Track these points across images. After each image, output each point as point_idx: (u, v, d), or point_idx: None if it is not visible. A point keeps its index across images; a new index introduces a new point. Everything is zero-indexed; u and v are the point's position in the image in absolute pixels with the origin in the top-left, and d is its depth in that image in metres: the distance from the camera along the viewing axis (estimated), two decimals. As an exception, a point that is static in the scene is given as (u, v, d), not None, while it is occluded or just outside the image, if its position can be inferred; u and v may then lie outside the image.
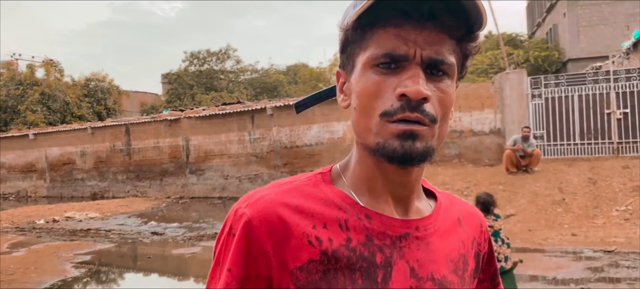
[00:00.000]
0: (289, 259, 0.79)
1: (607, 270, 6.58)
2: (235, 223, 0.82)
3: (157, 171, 19.38)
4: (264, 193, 0.83)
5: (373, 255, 0.82)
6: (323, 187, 0.86)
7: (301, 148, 16.52)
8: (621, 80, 12.47)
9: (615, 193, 10.42)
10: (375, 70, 0.81)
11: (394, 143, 0.79)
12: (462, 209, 0.97)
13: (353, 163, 0.88)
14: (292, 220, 0.81)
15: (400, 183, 0.86)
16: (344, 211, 0.83)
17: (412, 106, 0.78)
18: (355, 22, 0.81)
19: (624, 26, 25.29)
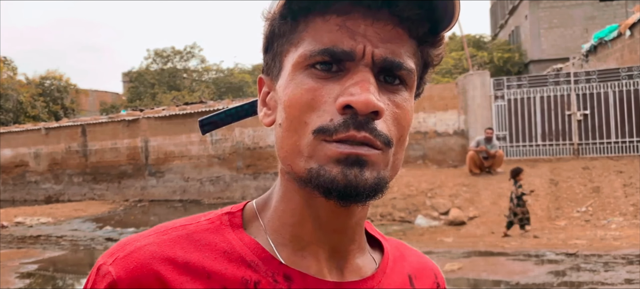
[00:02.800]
0: None
1: (570, 274, 6.52)
2: (96, 285, 0.59)
3: (115, 174, 18.73)
4: (141, 243, 0.60)
5: None
6: (228, 234, 0.62)
7: (265, 150, 16.21)
8: (581, 82, 12.60)
9: (575, 194, 10.48)
10: (310, 72, 0.58)
11: (333, 171, 0.56)
12: (414, 263, 0.74)
13: (275, 201, 0.64)
14: (177, 283, 0.57)
15: (337, 229, 0.62)
16: (255, 270, 0.60)
17: (360, 122, 0.56)
18: (285, 8, 0.58)
19: (583, 29, 25.86)
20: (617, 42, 15.70)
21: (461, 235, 9.18)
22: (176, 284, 0.57)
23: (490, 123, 12.88)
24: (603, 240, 8.13)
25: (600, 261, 7.00)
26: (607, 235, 8.41)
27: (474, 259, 7.39)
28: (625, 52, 15.16)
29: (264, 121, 0.66)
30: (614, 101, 12.29)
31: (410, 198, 10.97)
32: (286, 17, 0.59)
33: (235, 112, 0.79)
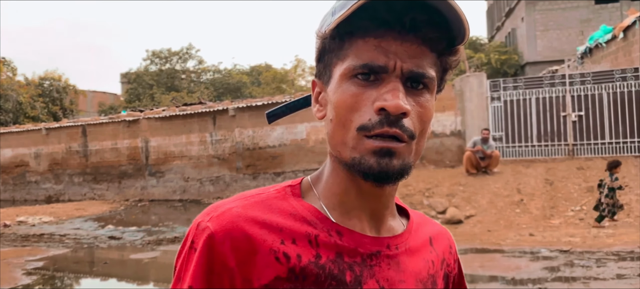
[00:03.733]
0: (254, 277, 0.74)
1: (563, 270, 6.73)
2: (197, 238, 0.76)
3: (115, 174, 18.88)
4: (229, 206, 0.78)
5: (343, 273, 0.77)
6: (292, 201, 0.81)
7: (264, 150, 16.39)
8: (576, 84, 12.82)
9: (570, 193, 10.70)
10: (354, 81, 0.76)
11: (371, 160, 0.75)
12: (433, 229, 0.93)
13: (325, 176, 0.83)
14: (258, 235, 0.75)
15: (374, 198, 0.82)
16: (314, 227, 0.79)
17: (391, 121, 0.74)
18: (334, 31, 0.76)
19: (579, 31, 26.12)
20: (612, 45, 15.94)
21: (458, 233, 9.38)
22: (257, 236, 0.75)
23: (486, 124, 13.10)
24: (596, 237, 8.35)
25: (593, 257, 7.21)
26: (600, 233, 8.62)
27: (470, 256, 7.59)
28: (619, 54, 15.41)
29: (317, 115, 0.84)
30: (608, 102, 12.52)
31: (408, 197, 11.17)
32: (335, 38, 0.77)
33: (293, 105, 0.98)
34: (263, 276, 0.74)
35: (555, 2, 27.04)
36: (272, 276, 0.74)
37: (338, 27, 0.75)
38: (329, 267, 0.76)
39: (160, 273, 8.52)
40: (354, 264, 0.78)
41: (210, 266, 0.74)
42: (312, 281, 0.75)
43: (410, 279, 0.83)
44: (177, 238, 10.59)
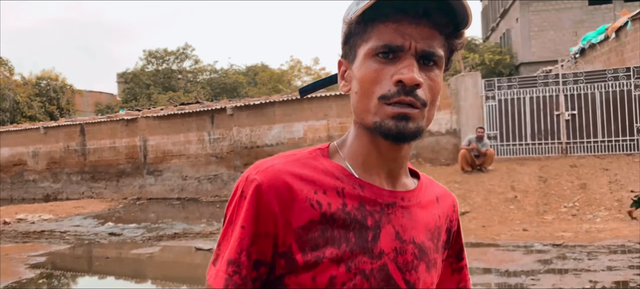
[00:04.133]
0: (293, 220, 0.90)
1: (556, 262, 6.92)
2: (246, 188, 0.91)
3: (114, 172, 19.00)
4: (272, 163, 0.94)
5: (365, 218, 0.93)
6: (322, 160, 0.97)
7: (262, 149, 16.53)
8: (569, 83, 13.05)
9: (563, 190, 10.91)
10: (375, 59, 0.91)
11: (390, 123, 0.90)
12: (439, 190, 1.09)
13: (350, 141, 0.99)
14: (296, 186, 0.91)
15: (392, 158, 0.97)
16: (341, 181, 0.94)
17: (407, 91, 0.89)
18: (359, 17, 0.92)
19: (573, 32, 26.39)
20: (604, 45, 16.20)
21: (454, 228, 9.57)
22: (296, 187, 0.91)
23: (481, 123, 13.30)
24: (588, 232, 8.55)
25: (584, 250, 7.41)
26: (592, 227, 8.83)
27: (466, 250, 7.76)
28: (611, 54, 15.66)
29: (343, 89, 1.00)
30: (600, 101, 12.75)
31: (404, 195, 11.34)
32: (360, 23, 0.93)
33: (323, 81, 1.15)
34: (300, 219, 0.90)
35: (549, 3, 27.31)
36: (307, 219, 0.90)
37: (363, 14, 0.91)
38: (354, 213, 0.93)
39: (161, 269, 8.68)
40: (374, 212, 0.94)
41: (258, 210, 0.90)
42: (340, 225, 0.92)
43: (420, 227, 0.99)
44: (176, 234, 10.74)
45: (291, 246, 0.90)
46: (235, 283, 0.90)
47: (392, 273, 0.93)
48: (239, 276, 0.90)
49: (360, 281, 0.90)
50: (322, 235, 0.90)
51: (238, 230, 0.90)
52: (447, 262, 1.11)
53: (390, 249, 0.94)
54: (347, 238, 0.91)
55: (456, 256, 1.12)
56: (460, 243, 1.13)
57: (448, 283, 1.12)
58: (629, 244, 7.65)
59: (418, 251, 0.97)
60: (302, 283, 0.90)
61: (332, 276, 0.90)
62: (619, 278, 6.04)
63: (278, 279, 0.92)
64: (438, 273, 1.04)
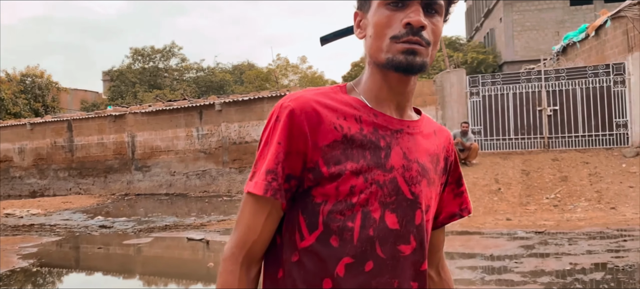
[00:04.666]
0: (319, 140, 1.10)
1: (538, 247, 7.20)
2: (281, 113, 1.11)
3: (101, 168, 19.00)
4: (302, 94, 1.13)
5: (378, 140, 1.14)
6: (342, 94, 1.17)
7: (251, 144, 16.68)
8: (551, 80, 13.40)
9: (545, 183, 11.24)
10: (387, 7, 1.12)
11: (400, 57, 1.10)
12: (437, 126, 1.30)
13: (364, 79, 1.20)
14: (323, 113, 1.11)
15: (400, 92, 1.18)
16: (358, 111, 1.15)
17: (414, 31, 1.09)
18: None
19: (554, 32, 26.92)
20: (585, 43, 16.60)
21: (440, 219, 9.83)
22: (322, 112, 1.11)
23: (466, 118, 13.61)
24: (569, 221, 8.87)
25: (565, 237, 7.70)
26: (573, 217, 9.16)
27: (451, 237, 8.02)
28: (592, 52, 16.07)
29: (359, 36, 1.20)
30: (581, 97, 13.12)
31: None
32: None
33: (342, 31, 1.35)
34: (326, 139, 1.11)
35: (532, 3, 27.81)
36: (331, 140, 1.11)
37: None
38: (369, 136, 1.14)
39: (156, 257, 8.80)
40: (385, 135, 1.15)
41: (291, 130, 1.10)
42: (358, 145, 1.12)
43: (422, 151, 1.20)
44: (167, 226, 10.86)
45: (318, 161, 1.10)
46: (273, 188, 1.09)
47: (401, 185, 1.14)
48: (276, 183, 1.09)
49: (375, 189, 1.11)
50: (344, 152, 1.10)
51: (274, 146, 1.10)
52: (449, 188, 1.32)
53: (399, 166, 1.14)
54: (364, 156, 1.11)
55: (456, 183, 1.33)
56: (458, 172, 1.34)
57: (451, 206, 1.33)
58: (607, 231, 7.97)
59: (421, 169, 1.18)
60: (327, 192, 1.10)
61: (352, 186, 1.10)
62: (597, 261, 6.32)
63: (305, 191, 1.12)
64: (436, 191, 1.25)
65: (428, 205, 1.20)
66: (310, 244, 1.11)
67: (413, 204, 1.15)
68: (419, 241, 1.17)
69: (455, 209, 1.34)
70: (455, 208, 1.34)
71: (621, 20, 14.10)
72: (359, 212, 1.10)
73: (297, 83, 35.30)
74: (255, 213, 1.12)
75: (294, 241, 1.13)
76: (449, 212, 1.33)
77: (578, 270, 5.98)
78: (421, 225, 1.17)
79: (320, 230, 1.11)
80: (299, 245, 1.12)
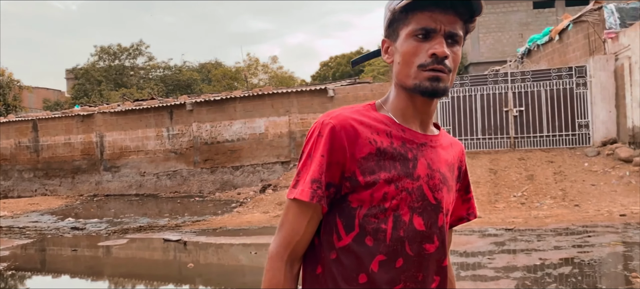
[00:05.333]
0: (357, 152, 1.24)
1: (508, 244, 7.50)
2: (323, 129, 1.25)
3: (69, 169, 18.66)
4: (340, 112, 1.28)
5: (406, 153, 1.29)
6: (374, 113, 1.32)
7: (222, 144, 16.66)
8: (517, 81, 13.86)
9: (512, 181, 11.64)
10: (415, 38, 1.26)
11: (426, 83, 1.25)
12: (452, 139, 1.46)
13: (391, 99, 1.35)
14: (359, 129, 1.26)
15: (424, 111, 1.33)
16: (389, 126, 1.29)
17: (439, 60, 1.25)
18: (403, 8, 1.26)
19: (519, 34, 27.70)
20: (548, 46, 17.21)
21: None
22: (359, 129, 1.25)
23: (435, 119, 13.91)
24: (536, 218, 9.24)
25: (534, 234, 8.04)
26: (539, 214, 9.53)
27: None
28: (555, 55, 16.67)
29: (387, 60, 1.35)
30: (545, 99, 13.61)
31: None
32: (402, 12, 1.29)
33: (372, 54, 1.50)
34: (362, 151, 1.25)
35: (497, 6, 28.54)
36: (367, 152, 1.26)
37: (407, 5, 1.26)
38: (399, 149, 1.29)
39: (133, 258, 8.77)
40: (412, 148, 1.31)
41: (332, 144, 1.24)
42: (389, 157, 1.27)
43: (442, 162, 1.36)
44: (142, 227, 10.80)
45: (355, 171, 1.25)
46: (318, 195, 1.24)
47: (426, 192, 1.29)
48: (320, 191, 1.24)
49: (405, 196, 1.27)
50: (377, 163, 1.25)
51: (318, 158, 1.24)
52: (459, 194, 1.48)
53: (425, 175, 1.30)
54: (395, 166, 1.27)
55: (465, 190, 1.50)
56: (467, 180, 1.50)
57: (460, 210, 1.50)
58: (572, 227, 8.35)
59: (442, 178, 1.34)
60: (363, 198, 1.25)
61: (385, 192, 1.25)
62: (564, 256, 6.65)
63: (343, 197, 1.27)
64: (453, 196, 1.41)
65: (448, 209, 1.36)
66: (347, 244, 1.26)
67: (437, 208, 1.31)
68: (441, 241, 1.32)
69: (463, 213, 1.51)
70: (464, 212, 1.51)
71: (582, 24, 14.68)
72: (391, 216, 1.25)
73: (267, 83, 35.30)
74: (299, 217, 1.27)
75: (332, 241, 1.27)
76: (457, 215, 1.50)
77: (547, 265, 6.27)
78: (443, 226, 1.33)
79: (357, 231, 1.26)
80: (337, 244, 1.27)
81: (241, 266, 8.00)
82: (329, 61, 42.72)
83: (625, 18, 13.06)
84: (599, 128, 13.10)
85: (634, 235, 7.54)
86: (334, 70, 39.42)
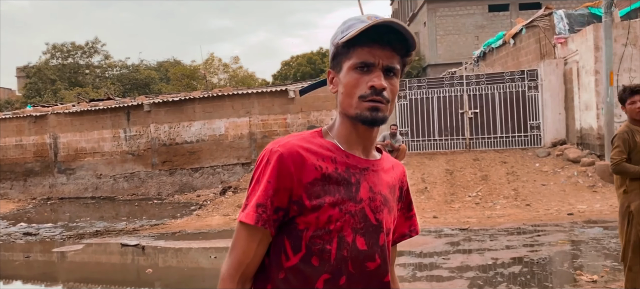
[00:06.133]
0: (303, 178, 1.32)
1: (463, 244, 7.73)
2: (271, 156, 1.33)
3: (20, 171, 18.08)
4: (288, 140, 1.35)
5: (350, 177, 1.37)
6: (320, 139, 1.40)
7: (181, 146, 16.48)
8: (472, 84, 14.25)
9: (468, 181, 11.97)
10: (356, 71, 1.35)
11: (366, 113, 1.34)
12: (394, 161, 1.56)
13: (336, 126, 1.43)
14: (306, 155, 1.33)
15: (366, 138, 1.41)
16: (334, 153, 1.38)
17: (377, 92, 1.33)
18: (345, 43, 1.35)
19: (475, 36, 28.40)
20: (502, 50, 17.74)
21: (371, 218, 10.23)
22: (306, 155, 1.33)
23: (394, 120, 14.19)
24: (490, 217, 9.54)
25: (487, 233, 8.31)
26: (493, 214, 9.85)
27: (384, 236, 8.41)
28: (508, 58, 17.19)
29: (332, 91, 1.43)
30: (499, 101, 14.04)
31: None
32: (345, 47, 1.37)
33: (319, 83, 1.57)
34: (308, 177, 1.33)
35: (453, 8, 29.19)
36: (313, 178, 1.33)
37: (348, 41, 1.35)
38: (343, 174, 1.37)
39: (89, 265, 8.61)
40: (355, 173, 1.39)
41: (280, 171, 1.32)
42: (334, 181, 1.35)
43: (384, 184, 1.45)
44: (98, 231, 10.60)
45: (302, 196, 1.32)
46: (263, 219, 1.31)
47: (368, 213, 1.38)
48: (265, 215, 1.31)
49: (348, 218, 1.35)
50: (323, 188, 1.33)
51: (264, 184, 1.31)
52: (401, 212, 1.58)
53: (366, 198, 1.39)
54: (339, 190, 1.35)
55: (407, 208, 1.59)
56: (409, 199, 1.60)
57: (402, 227, 1.59)
58: (523, 227, 8.67)
59: (383, 200, 1.43)
60: (309, 221, 1.33)
61: (330, 215, 1.33)
62: (515, 255, 6.91)
63: (291, 220, 1.34)
64: (395, 217, 1.50)
65: (389, 228, 1.45)
66: (295, 264, 1.34)
67: (377, 229, 1.40)
68: (382, 259, 1.41)
69: (406, 230, 1.60)
70: (406, 229, 1.60)
71: (534, 29, 15.20)
72: (336, 237, 1.33)
73: (227, 82, 35.02)
74: (249, 240, 1.34)
75: (280, 261, 1.35)
76: (400, 233, 1.59)
77: (499, 264, 6.51)
78: (384, 245, 1.42)
79: (303, 252, 1.33)
80: (285, 265, 1.34)
81: (201, 270, 7.97)
82: (291, 61, 42.75)
83: (574, 24, 13.60)
84: (549, 130, 13.60)
85: (580, 234, 7.89)
86: (295, 70, 39.48)
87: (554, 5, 18.89)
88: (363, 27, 1.31)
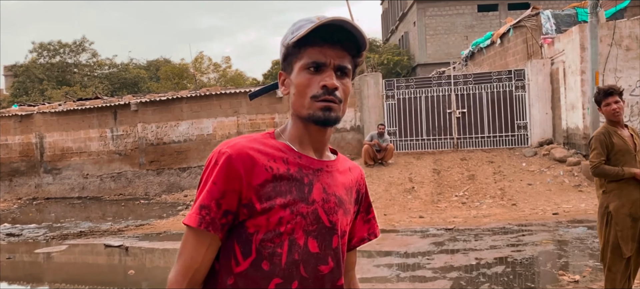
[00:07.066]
0: (253, 180, 1.28)
1: (448, 244, 7.73)
2: (219, 158, 1.28)
3: (5, 171, 17.89)
4: (237, 141, 1.31)
5: (302, 178, 1.33)
6: (271, 140, 1.36)
7: (169, 145, 16.38)
8: (460, 84, 14.26)
9: (454, 181, 11.98)
10: (307, 71, 1.32)
11: (319, 113, 1.31)
12: (351, 164, 1.52)
13: (289, 128, 1.39)
14: (256, 156, 1.29)
15: (319, 139, 1.38)
16: (285, 153, 1.34)
17: (329, 91, 1.30)
18: (295, 43, 1.32)
19: (464, 36, 28.49)
20: (490, 50, 17.79)
21: (358, 218, 10.21)
22: (255, 157, 1.29)
23: (382, 120, 14.19)
24: (475, 217, 9.55)
25: (472, 233, 8.31)
26: (479, 213, 9.86)
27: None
28: (496, 58, 17.25)
29: (283, 93, 1.40)
30: (486, 101, 14.07)
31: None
32: (295, 47, 1.34)
33: (269, 87, 1.54)
34: (258, 179, 1.29)
35: (443, 8, 29.26)
36: (263, 179, 1.29)
37: (298, 41, 1.32)
38: (295, 175, 1.33)
39: (72, 266, 8.51)
40: (308, 173, 1.35)
41: (228, 173, 1.27)
42: (285, 182, 1.31)
43: (339, 185, 1.42)
44: (82, 232, 10.49)
45: (251, 198, 1.28)
46: (206, 221, 1.26)
47: (321, 215, 1.34)
48: (209, 217, 1.26)
49: (299, 220, 1.31)
50: (273, 189, 1.29)
51: (210, 185, 1.27)
52: (360, 216, 1.54)
53: (320, 199, 1.35)
54: (291, 191, 1.31)
55: (366, 211, 1.56)
56: (368, 201, 1.56)
57: (361, 231, 1.56)
58: (508, 226, 8.68)
59: (338, 201, 1.39)
60: (259, 223, 1.29)
61: (280, 217, 1.29)
62: (499, 255, 6.91)
63: (240, 223, 1.30)
64: (351, 219, 1.47)
65: (344, 231, 1.41)
66: (244, 269, 1.29)
67: (331, 231, 1.36)
68: (336, 262, 1.37)
69: (364, 234, 1.56)
70: (364, 233, 1.56)
71: (522, 29, 15.26)
72: (286, 240, 1.30)
73: (217, 82, 34.89)
74: (196, 245, 1.29)
75: (230, 266, 1.30)
76: (359, 236, 1.55)
77: (482, 265, 6.51)
78: (338, 248, 1.38)
79: (254, 256, 1.29)
80: (235, 270, 1.30)
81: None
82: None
83: (560, 24, 13.67)
84: (536, 130, 13.65)
85: (564, 233, 7.92)
86: (285, 69, 39.32)
87: (541, 5, 18.98)
88: (312, 26, 1.28)
